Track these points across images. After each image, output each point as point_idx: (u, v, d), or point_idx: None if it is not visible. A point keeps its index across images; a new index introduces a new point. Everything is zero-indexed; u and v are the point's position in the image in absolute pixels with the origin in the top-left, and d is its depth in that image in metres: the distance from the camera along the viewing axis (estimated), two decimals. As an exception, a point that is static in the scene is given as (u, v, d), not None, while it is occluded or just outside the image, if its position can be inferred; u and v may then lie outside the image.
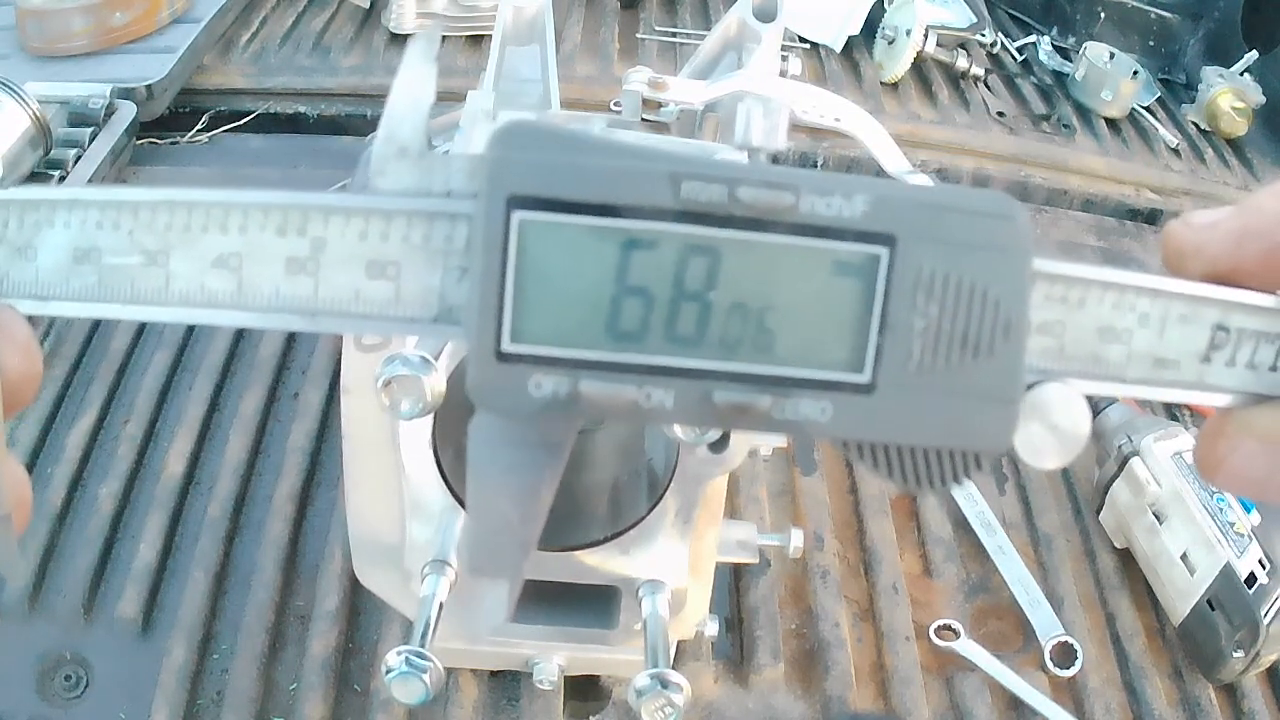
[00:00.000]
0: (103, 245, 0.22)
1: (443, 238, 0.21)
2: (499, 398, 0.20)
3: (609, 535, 0.54)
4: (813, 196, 0.20)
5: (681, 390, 0.20)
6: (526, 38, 0.58)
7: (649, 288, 0.20)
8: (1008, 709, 0.71)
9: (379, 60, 1.24)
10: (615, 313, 0.20)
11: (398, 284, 0.21)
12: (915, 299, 0.20)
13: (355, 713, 0.66)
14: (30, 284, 0.22)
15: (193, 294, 0.21)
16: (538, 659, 0.60)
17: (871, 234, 0.20)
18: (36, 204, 0.22)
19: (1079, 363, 0.21)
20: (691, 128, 0.62)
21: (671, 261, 0.20)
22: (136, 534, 0.74)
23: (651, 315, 0.20)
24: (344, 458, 0.51)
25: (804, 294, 0.20)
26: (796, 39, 1.34)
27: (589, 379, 0.19)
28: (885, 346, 0.20)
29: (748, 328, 0.20)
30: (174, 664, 0.66)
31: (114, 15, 1.13)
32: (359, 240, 0.21)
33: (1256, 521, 0.72)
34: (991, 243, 0.20)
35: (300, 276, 0.21)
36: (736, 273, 0.20)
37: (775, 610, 0.73)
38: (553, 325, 0.20)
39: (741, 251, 0.20)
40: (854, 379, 0.20)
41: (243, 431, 0.80)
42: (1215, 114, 1.32)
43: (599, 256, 0.19)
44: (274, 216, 0.21)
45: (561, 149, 0.20)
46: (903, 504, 0.83)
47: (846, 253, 0.20)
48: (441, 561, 0.53)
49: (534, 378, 0.20)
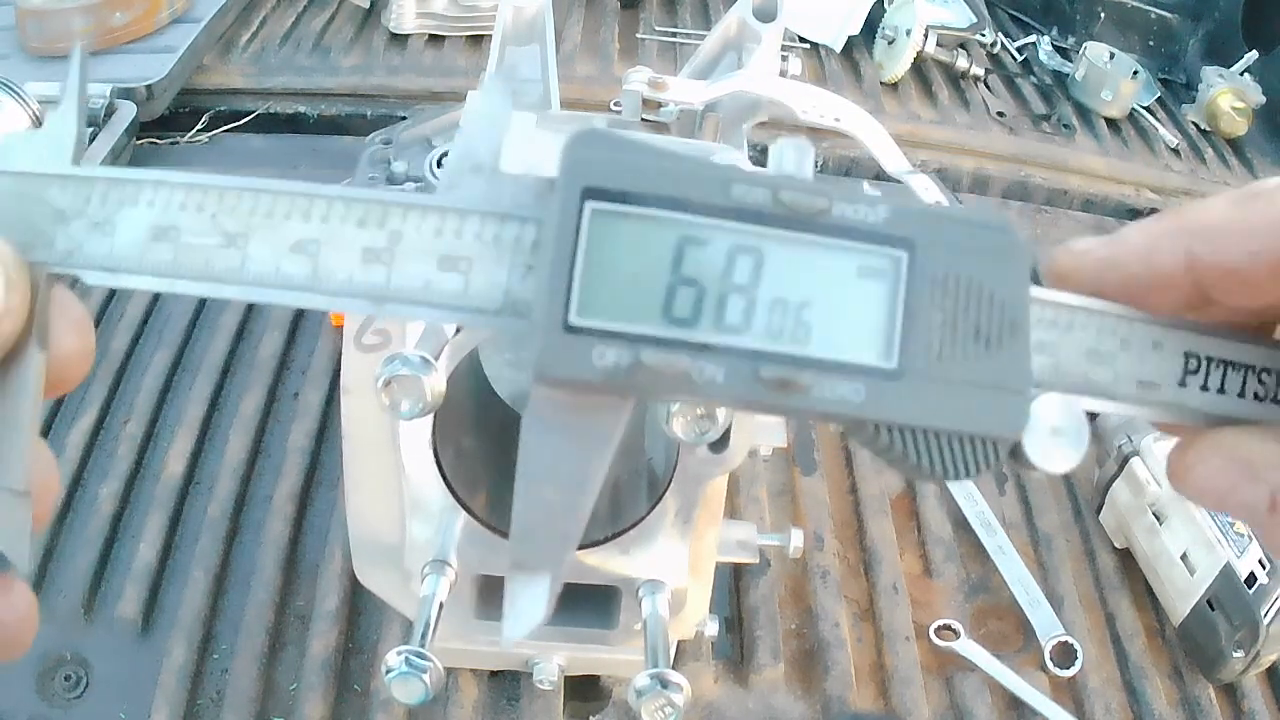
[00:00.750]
0: (183, 225, 0.23)
1: (513, 237, 0.22)
2: (564, 366, 0.21)
3: (609, 535, 0.54)
4: (843, 203, 0.22)
5: (731, 367, 0.21)
6: (526, 38, 0.58)
7: (700, 278, 0.22)
8: (1008, 709, 0.71)
9: (379, 60, 1.24)
10: (670, 298, 0.22)
11: (467, 277, 0.22)
12: (932, 296, 0.22)
13: (355, 713, 0.66)
14: (103, 257, 0.23)
15: (267, 276, 0.22)
16: (538, 659, 0.60)
17: (893, 238, 0.22)
18: (123, 183, 0.23)
19: (1074, 380, 0.24)
20: (691, 128, 0.62)
21: (721, 255, 0.22)
22: (136, 534, 0.74)
23: (703, 303, 0.22)
24: (344, 458, 0.51)
25: (836, 289, 0.22)
26: (796, 39, 1.34)
27: (649, 351, 0.21)
28: (909, 337, 0.22)
29: (787, 319, 0.22)
30: (174, 664, 0.66)
31: (114, 15, 1.13)
32: (434, 236, 0.22)
33: (1256, 521, 0.72)
34: (994, 251, 0.23)
35: (375, 265, 0.22)
36: (778, 269, 0.22)
37: (775, 610, 0.73)
38: (615, 304, 0.21)
39: (782, 249, 0.22)
40: (883, 365, 0.22)
41: (243, 431, 0.80)
42: (1215, 114, 1.32)
43: (658, 246, 0.22)
44: (356, 209, 0.22)
45: (628, 151, 0.22)
46: (903, 504, 0.83)
47: (872, 253, 0.22)
48: (441, 561, 0.53)
49: (598, 348, 0.21)
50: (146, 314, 0.91)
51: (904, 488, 0.84)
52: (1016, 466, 0.23)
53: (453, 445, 0.53)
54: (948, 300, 0.22)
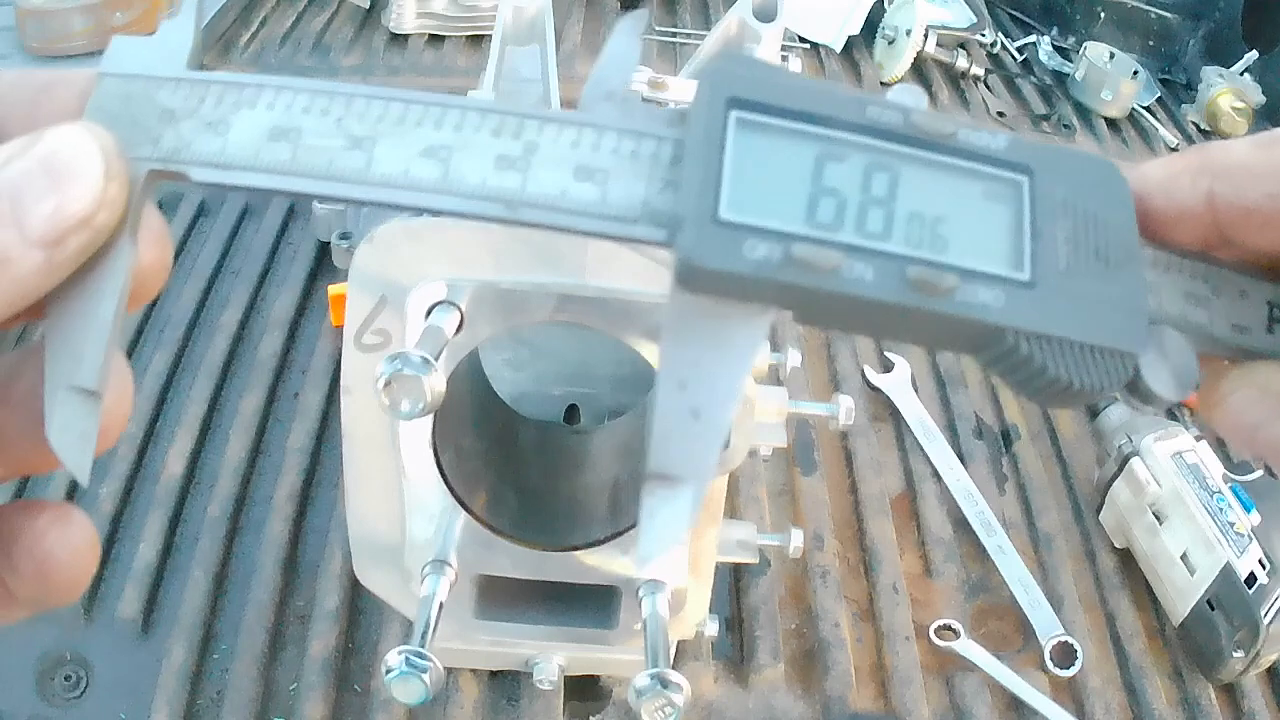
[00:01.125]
0: (305, 127, 0.22)
1: (650, 153, 0.23)
2: (716, 257, 0.21)
3: (609, 535, 0.54)
4: (967, 130, 0.23)
5: (879, 266, 0.22)
6: (526, 38, 0.58)
7: (840, 190, 0.22)
8: (1008, 709, 0.71)
9: (379, 60, 1.24)
10: (813, 206, 0.22)
11: (604, 188, 0.22)
12: (1055, 217, 0.23)
13: (355, 713, 0.66)
14: (214, 154, 0.22)
15: (395, 177, 0.22)
16: (538, 659, 0.60)
17: (1014, 164, 0.23)
18: (241, 85, 0.23)
19: (1175, 318, 0.24)
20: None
21: (859, 170, 0.23)
22: (136, 534, 0.74)
23: (845, 212, 0.22)
24: (344, 458, 0.51)
25: (967, 207, 0.23)
26: (796, 39, 1.34)
27: (800, 245, 0.21)
28: (1038, 252, 0.23)
29: (925, 232, 0.22)
30: (174, 664, 0.66)
31: (114, 15, 1.13)
32: (571, 147, 0.22)
33: (1256, 521, 0.72)
34: (1103, 182, 0.24)
35: (509, 172, 0.22)
36: (911, 186, 0.23)
37: (775, 610, 0.73)
38: (763, 205, 0.22)
39: (915, 168, 0.23)
40: (1017, 276, 0.23)
41: (243, 431, 0.80)
42: (1215, 114, 1.32)
43: (799, 158, 0.22)
44: (490, 120, 0.22)
45: (768, 71, 0.23)
46: (903, 504, 0.83)
47: (997, 177, 0.23)
48: (441, 561, 0.53)
49: (749, 242, 0.21)
50: (146, 314, 0.91)
51: (904, 488, 0.84)
52: (1132, 399, 0.23)
53: (453, 445, 0.53)
54: (1067, 223, 0.23)
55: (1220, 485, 0.74)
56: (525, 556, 0.54)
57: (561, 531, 0.56)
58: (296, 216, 1.02)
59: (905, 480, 0.85)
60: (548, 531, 0.56)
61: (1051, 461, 0.88)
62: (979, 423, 0.90)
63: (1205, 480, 0.75)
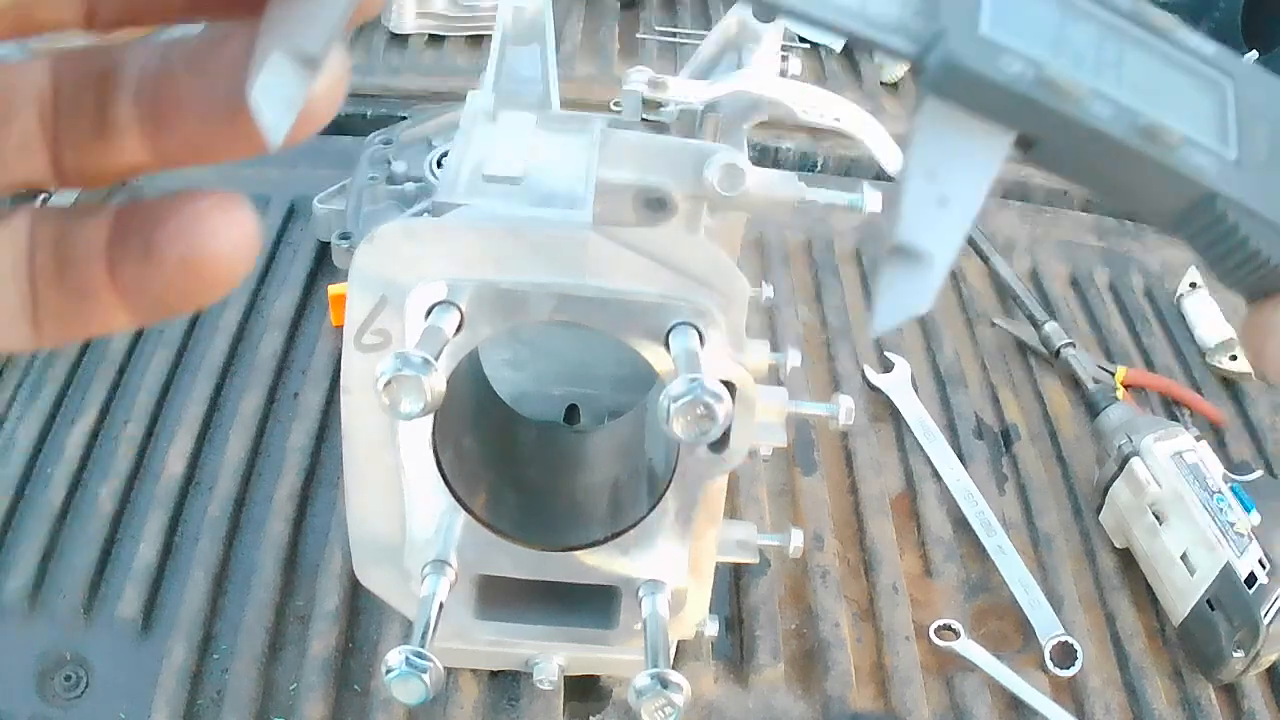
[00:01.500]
0: None
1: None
2: (975, 59, 0.23)
3: (609, 535, 0.54)
4: (1183, 29, 0.25)
5: (1116, 110, 0.23)
6: (526, 38, 0.58)
7: (1079, 46, 0.24)
8: (1008, 709, 0.71)
9: (379, 60, 1.24)
10: (1058, 49, 0.24)
11: (864, 2, 0.23)
12: (1256, 119, 0.25)
13: (355, 713, 0.66)
14: None
15: None
16: (538, 659, 0.61)
17: (1222, 66, 0.25)
18: None
19: None
20: (692, 128, 0.62)
21: (1094, 33, 0.24)
22: (136, 534, 0.74)
23: (1083, 63, 0.24)
24: (344, 458, 0.51)
25: (1183, 89, 0.25)
26: (796, 39, 1.34)
27: (1052, 68, 0.23)
28: (1243, 137, 0.25)
29: (1149, 99, 0.24)
30: (174, 664, 0.66)
31: (114, 15, 1.13)
32: None
33: (1256, 521, 0.72)
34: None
35: None
36: (1137, 61, 0.24)
37: (775, 610, 0.73)
38: (1018, 34, 0.23)
39: (1140, 48, 0.25)
40: (1227, 153, 0.24)
41: (243, 431, 0.81)
42: (1215, 114, 1.32)
43: (1046, 10, 0.24)
44: None
45: None
46: (903, 504, 0.83)
47: (1209, 72, 0.25)
48: (442, 561, 0.53)
49: (1005, 57, 0.23)
50: (146, 314, 0.91)
51: (904, 488, 0.84)
52: None
53: (453, 445, 0.54)
54: (1265, 127, 0.25)
55: (1220, 485, 0.74)
56: (525, 556, 0.54)
57: (561, 531, 0.56)
58: (296, 216, 1.02)
59: (905, 480, 0.85)
60: (548, 531, 0.56)
61: (1051, 461, 0.88)
62: (979, 423, 0.90)
63: (1205, 480, 0.75)
